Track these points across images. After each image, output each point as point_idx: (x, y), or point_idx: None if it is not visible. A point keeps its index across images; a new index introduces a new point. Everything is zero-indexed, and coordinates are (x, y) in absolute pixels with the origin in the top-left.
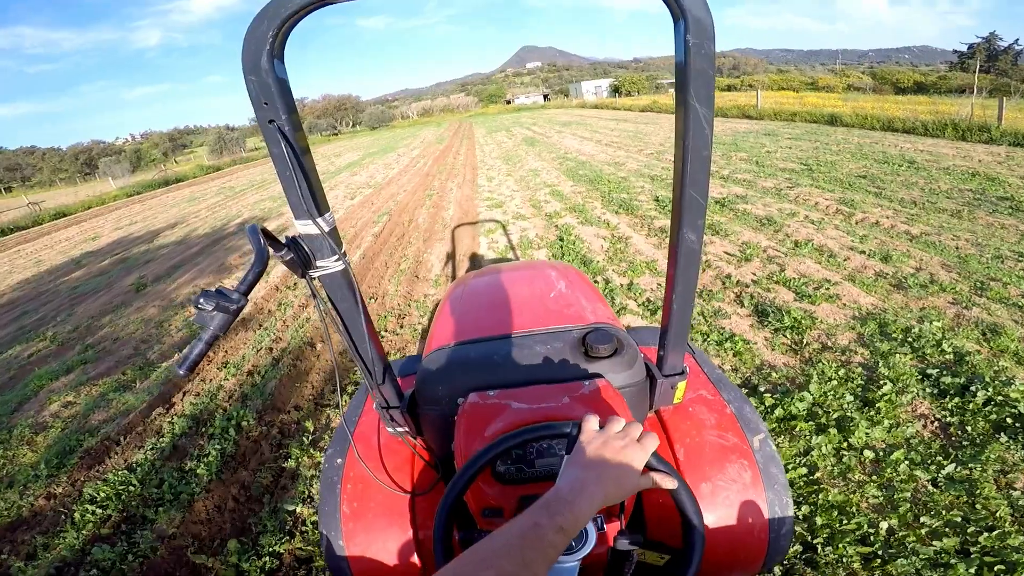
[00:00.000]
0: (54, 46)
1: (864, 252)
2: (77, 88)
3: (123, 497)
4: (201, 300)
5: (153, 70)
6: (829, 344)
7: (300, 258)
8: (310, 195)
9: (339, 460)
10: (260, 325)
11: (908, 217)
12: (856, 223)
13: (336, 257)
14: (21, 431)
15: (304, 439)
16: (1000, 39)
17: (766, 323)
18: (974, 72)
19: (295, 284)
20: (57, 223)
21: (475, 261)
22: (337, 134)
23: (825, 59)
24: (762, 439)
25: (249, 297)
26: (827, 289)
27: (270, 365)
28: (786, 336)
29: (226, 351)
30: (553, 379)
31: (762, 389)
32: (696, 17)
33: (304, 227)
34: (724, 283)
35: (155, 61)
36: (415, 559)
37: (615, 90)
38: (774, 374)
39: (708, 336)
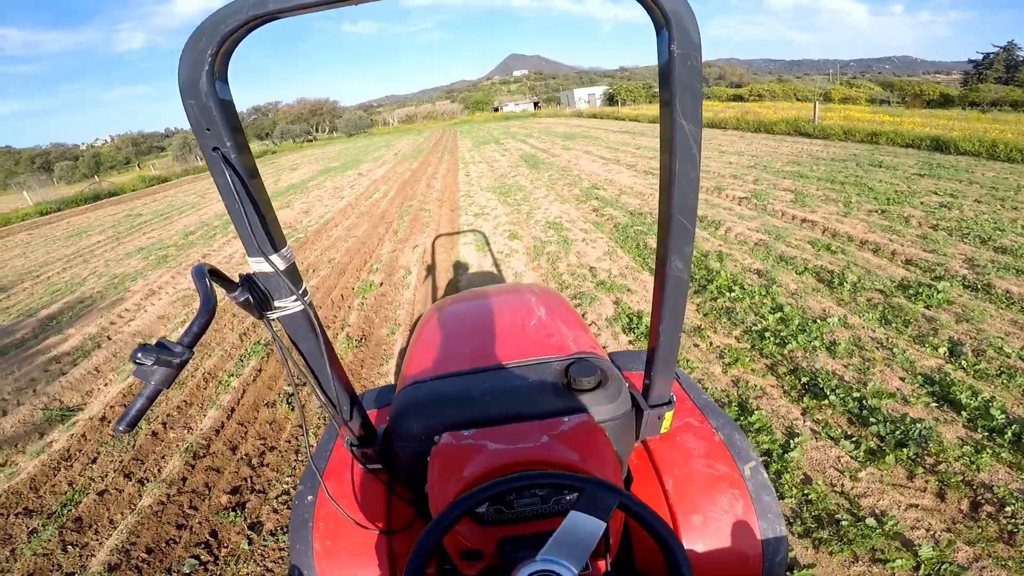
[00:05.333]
0: (38, 47)
1: None
2: (59, 88)
3: None
4: (139, 355)
5: (136, 71)
6: None
7: (256, 298)
8: (262, 229)
9: (310, 497)
10: None
11: None
12: None
13: (295, 297)
14: None
15: None
16: (1020, 49)
17: None
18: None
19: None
20: None
21: None
22: (312, 140)
23: (808, 69)
24: (753, 467)
25: (194, 350)
26: None
27: None
28: None
29: None
30: (535, 415)
31: None
32: (682, 26)
33: (258, 265)
34: None
35: (139, 63)
36: None
37: (610, 98)
38: None
39: None
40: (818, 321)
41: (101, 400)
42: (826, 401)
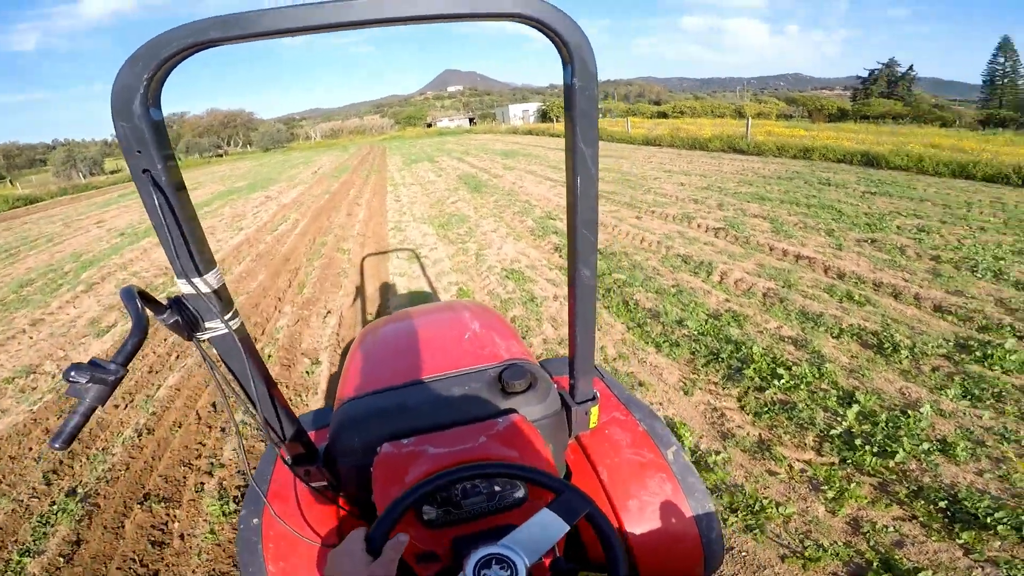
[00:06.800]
0: None
1: None
2: None
3: None
4: (72, 373)
5: (25, 76)
6: None
7: (186, 320)
8: (189, 252)
9: (255, 520)
10: None
11: None
12: None
13: (226, 319)
14: None
15: None
16: (898, 65)
17: None
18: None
19: None
20: None
21: None
22: (222, 155)
23: (715, 87)
24: (675, 451)
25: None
26: None
27: None
28: None
29: None
30: (473, 419)
31: None
32: (581, 58)
33: (186, 287)
34: None
35: (30, 67)
36: None
37: (543, 114)
38: None
39: None
40: (910, 412)
41: None
42: (991, 531)
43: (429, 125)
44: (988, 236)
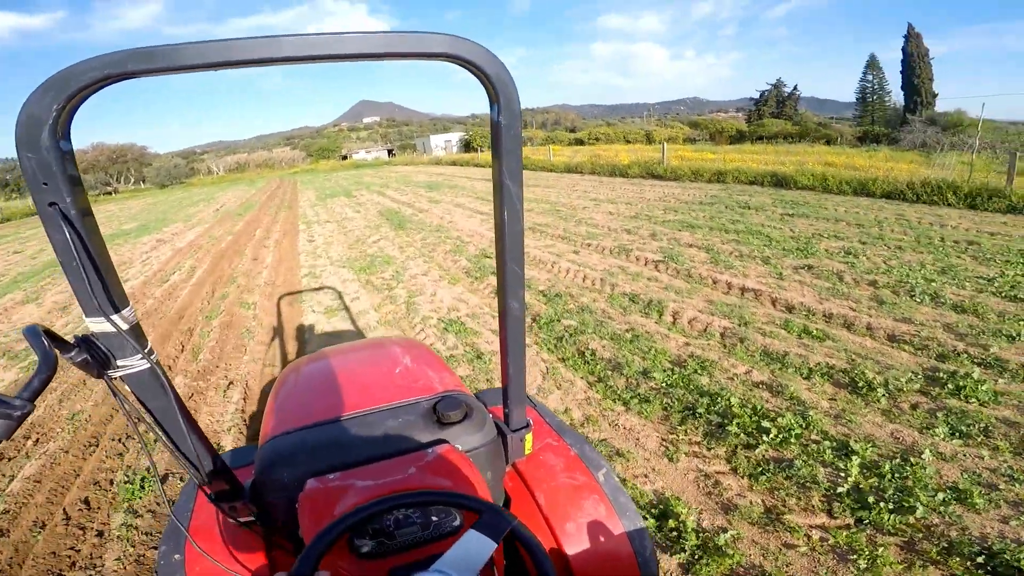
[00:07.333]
0: None
1: None
2: None
3: None
4: None
5: None
6: None
7: (96, 358)
8: (102, 288)
9: (176, 556)
10: None
11: None
12: None
13: (140, 356)
14: None
15: None
16: (785, 86)
17: None
18: (786, 118)
19: None
20: None
21: None
22: (111, 193)
23: (623, 113)
24: (605, 473)
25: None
26: None
27: None
28: None
29: None
30: (407, 451)
31: None
32: (507, 97)
33: (97, 325)
34: None
35: None
36: None
37: (466, 144)
38: None
39: None
40: (911, 459)
41: None
42: None
43: (344, 157)
44: (909, 256)
